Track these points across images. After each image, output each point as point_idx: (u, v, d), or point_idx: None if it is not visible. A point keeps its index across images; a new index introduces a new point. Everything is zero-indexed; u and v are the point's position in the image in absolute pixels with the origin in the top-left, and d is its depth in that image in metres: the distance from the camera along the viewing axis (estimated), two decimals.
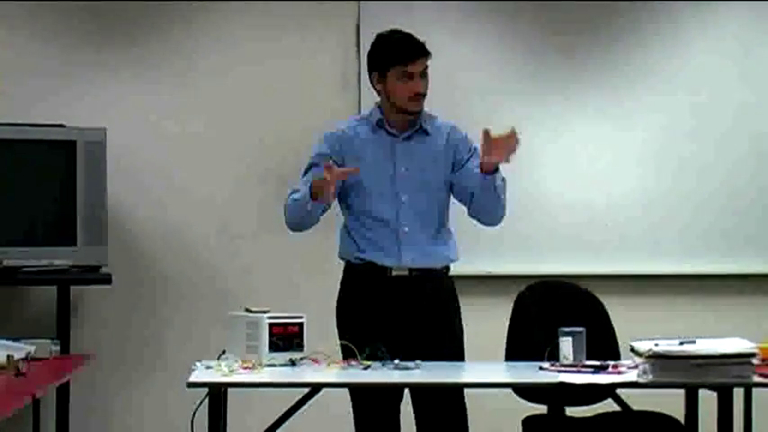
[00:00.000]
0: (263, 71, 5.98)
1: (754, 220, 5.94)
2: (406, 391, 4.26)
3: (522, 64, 5.95)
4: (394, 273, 4.28)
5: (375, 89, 4.38)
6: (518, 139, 4.10)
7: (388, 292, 4.26)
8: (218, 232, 5.95)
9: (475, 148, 4.35)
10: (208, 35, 5.98)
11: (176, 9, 5.97)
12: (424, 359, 4.06)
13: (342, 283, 4.42)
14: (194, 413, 3.85)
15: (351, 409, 4.36)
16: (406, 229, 4.28)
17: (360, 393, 4.27)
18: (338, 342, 4.21)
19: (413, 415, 4.33)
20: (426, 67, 4.28)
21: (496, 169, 4.18)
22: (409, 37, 4.31)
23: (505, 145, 4.10)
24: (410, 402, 4.30)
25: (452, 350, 4.31)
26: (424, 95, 4.29)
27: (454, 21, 5.90)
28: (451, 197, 4.41)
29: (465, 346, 4.38)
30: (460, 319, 4.39)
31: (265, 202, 5.93)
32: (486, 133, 4.10)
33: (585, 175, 5.94)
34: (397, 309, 4.25)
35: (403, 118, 4.33)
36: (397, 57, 4.26)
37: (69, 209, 5.47)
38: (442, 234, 4.37)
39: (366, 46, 5.85)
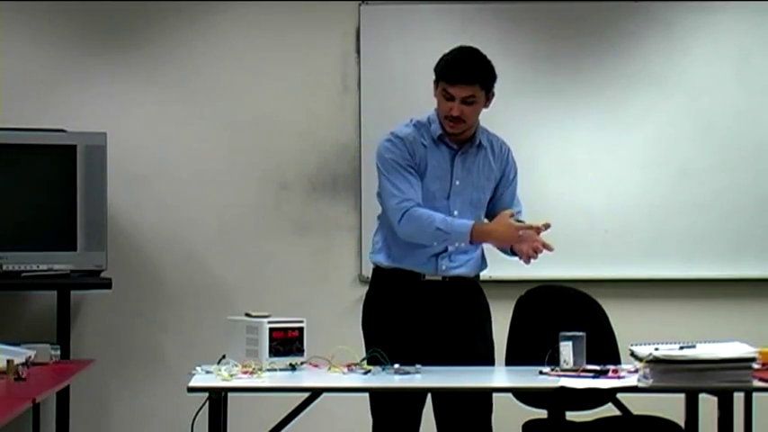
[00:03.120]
0: (264, 74, 5.98)
1: (754, 225, 5.94)
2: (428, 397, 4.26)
3: (523, 69, 5.95)
4: (427, 277, 4.27)
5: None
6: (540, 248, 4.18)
7: (419, 296, 4.25)
8: (218, 237, 5.95)
9: (516, 173, 4.42)
10: (208, 39, 5.98)
11: (177, 14, 5.97)
12: (456, 361, 4.09)
13: (371, 286, 4.39)
14: (194, 418, 3.85)
15: (351, 414, 4.35)
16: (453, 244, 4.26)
17: (380, 398, 4.24)
18: (339, 347, 4.20)
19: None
20: (471, 95, 4.16)
21: None
22: (465, 60, 4.20)
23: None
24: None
25: (484, 356, 4.30)
26: (462, 121, 4.19)
27: (455, 25, 5.90)
28: None
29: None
30: (491, 323, 4.39)
31: (266, 206, 5.94)
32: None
33: (585, 180, 5.94)
34: (429, 311, 4.23)
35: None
36: (442, 72, 4.20)
37: (69, 214, 5.47)
38: (477, 245, 4.34)
39: (366, 50, 5.91)
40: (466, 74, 4.16)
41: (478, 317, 4.35)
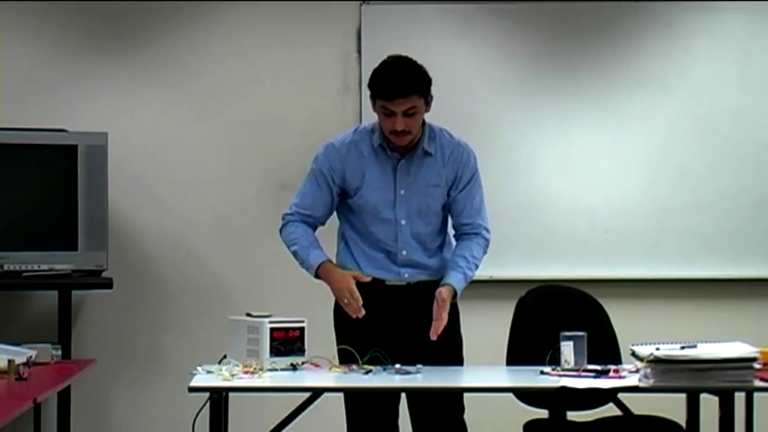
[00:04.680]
0: (264, 74, 5.98)
1: (755, 225, 5.94)
2: (402, 394, 4.25)
3: (524, 68, 5.95)
4: (390, 283, 4.27)
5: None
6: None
7: (384, 300, 4.24)
8: (219, 237, 5.95)
9: (472, 176, 4.29)
10: (208, 39, 5.98)
11: (177, 14, 5.97)
12: (423, 363, 4.05)
13: None
14: (195, 418, 3.86)
15: None
16: (405, 252, 4.24)
17: (355, 398, 4.24)
18: (340, 347, 4.21)
19: (408, 418, 4.32)
20: (412, 107, 4.10)
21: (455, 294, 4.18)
22: (398, 73, 4.13)
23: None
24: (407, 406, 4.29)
25: (451, 355, 4.28)
26: (408, 132, 4.14)
27: (456, 25, 5.91)
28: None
29: (467, 351, 4.35)
30: (459, 325, 4.35)
31: (266, 206, 5.93)
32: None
33: (587, 180, 5.94)
34: (394, 315, 4.22)
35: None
36: (378, 91, 4.15)
37: (70, 213, 5.47)
38: (441, 249, 4.33)
39: (367, 50, 5.91)
40: (402, 87, 4.09)
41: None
